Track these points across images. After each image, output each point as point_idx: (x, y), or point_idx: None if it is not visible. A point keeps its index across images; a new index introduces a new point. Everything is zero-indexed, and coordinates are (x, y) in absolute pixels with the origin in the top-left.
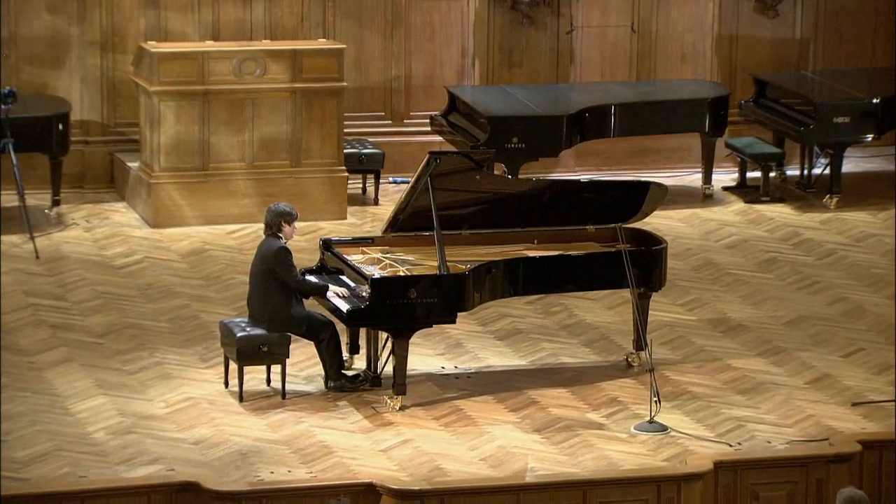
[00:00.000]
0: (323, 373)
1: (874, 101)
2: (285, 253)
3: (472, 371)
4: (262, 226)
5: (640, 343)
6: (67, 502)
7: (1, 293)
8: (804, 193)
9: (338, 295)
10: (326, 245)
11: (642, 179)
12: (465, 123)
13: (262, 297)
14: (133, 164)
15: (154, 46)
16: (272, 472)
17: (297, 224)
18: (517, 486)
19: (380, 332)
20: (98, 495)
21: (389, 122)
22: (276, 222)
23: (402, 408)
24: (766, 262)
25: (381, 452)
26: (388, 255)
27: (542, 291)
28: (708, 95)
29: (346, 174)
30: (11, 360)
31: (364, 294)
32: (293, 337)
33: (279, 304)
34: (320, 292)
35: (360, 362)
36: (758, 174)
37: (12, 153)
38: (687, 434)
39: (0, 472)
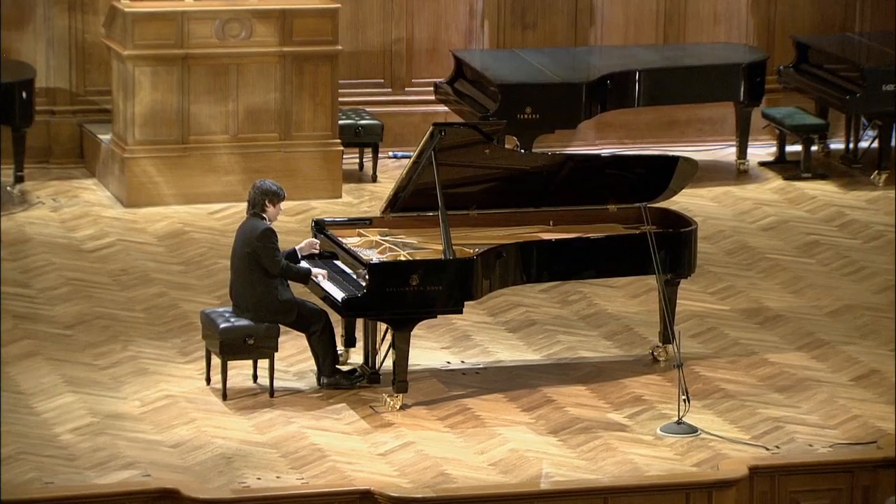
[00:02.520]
0: (315, 368)
1: None
2: (269, 234)
3: (481, 366)
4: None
5: (667, 335)
6: None
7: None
8: (849, 169)
9: (326, 278)
10: (319, 226)
11: (670, 154)
12: (472, 92)
13: (246, 284)
14: (104, 137)
15: (128, 6)
16: (259, 479)
17: (283, 205)
18: (531, 493)
19: (378, 322)
20: (66, 503)
21: (389, 90)
22: (261, 201)
23: (403, 407)
24: (808, 245)
25: (380, 456)
26: (387, 238)
27: (559, 278)
28: (743, 60)
29: (342, 148)
30: None
31: (361, 281)
32: (282, 328)
33: (265, 292)
34: (307, 278)
35: (356, 356)
36: (798, 148)
37: None
38: (719, 436)
39: None
